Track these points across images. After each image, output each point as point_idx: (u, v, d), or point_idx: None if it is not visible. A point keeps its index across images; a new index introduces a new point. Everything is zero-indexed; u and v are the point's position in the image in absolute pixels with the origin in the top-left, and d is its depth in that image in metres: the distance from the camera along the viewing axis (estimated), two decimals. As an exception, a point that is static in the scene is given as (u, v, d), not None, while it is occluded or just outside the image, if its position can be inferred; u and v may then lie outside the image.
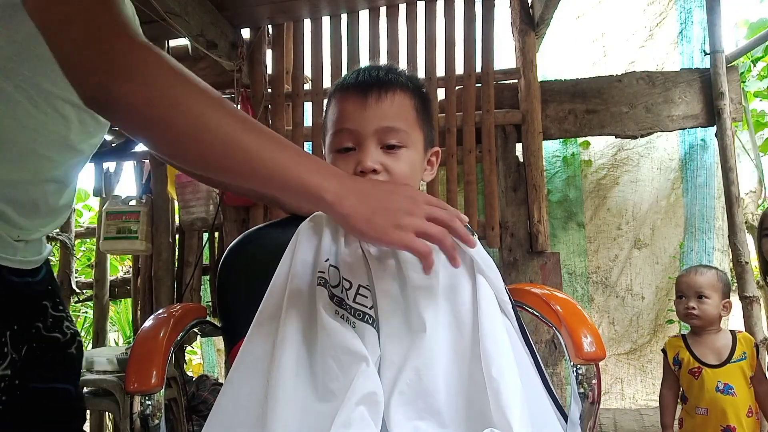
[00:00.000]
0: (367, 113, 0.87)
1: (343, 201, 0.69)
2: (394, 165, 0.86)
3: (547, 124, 2.58)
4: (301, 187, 0.69)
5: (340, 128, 0.88)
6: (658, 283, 2.90)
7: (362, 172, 0.84)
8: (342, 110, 0.89)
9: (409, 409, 0.78)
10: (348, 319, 0.82)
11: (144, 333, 0.96)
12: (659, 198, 2.93)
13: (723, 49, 2.52)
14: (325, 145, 0.93)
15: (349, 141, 0.88)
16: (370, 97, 0.87)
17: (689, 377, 1.80)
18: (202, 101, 0.68)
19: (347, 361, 0.77)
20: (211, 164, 0.71)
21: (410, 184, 0.89)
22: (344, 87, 0.91)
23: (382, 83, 0.89)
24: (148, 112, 0.66)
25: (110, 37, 0.67)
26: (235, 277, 1.21)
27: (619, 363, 2.92)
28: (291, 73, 2.75)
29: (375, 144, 0.87)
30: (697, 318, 1.81)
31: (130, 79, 0.66)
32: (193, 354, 3.78)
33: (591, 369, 0.90)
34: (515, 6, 2.61)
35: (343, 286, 0.84)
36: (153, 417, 0.89)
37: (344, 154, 0.88)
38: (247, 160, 0.68)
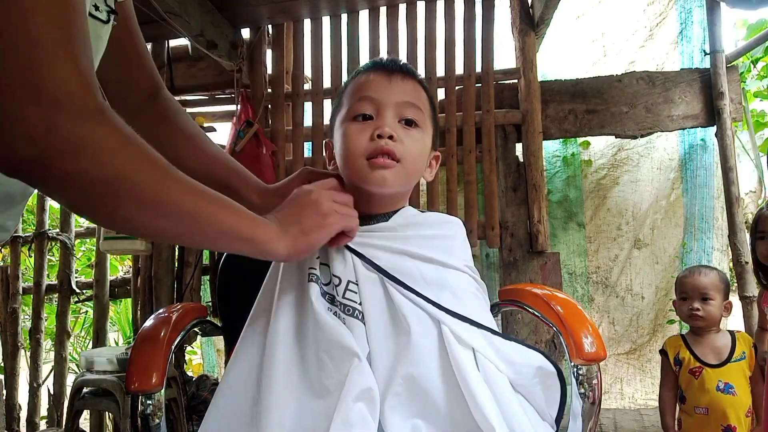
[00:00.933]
0: (391, 86, 0.89)
1: (281, 238, 0.76)
2: (408, 139, 0.88)
3: (547, 124, 2.58)
4: (247, 237, 0.74)
5: (362, 96, 0.89)
6: (658, 283, 2.90)
7: (379, 137, 0.85)
8: (366, 82, 0.90)
9: (404, 409, 0.79)
10: (339, 315, 0.84)
11: (144, 333, 0.96)
12: (659, 198, 2.93)
13: (723, 49, 2.52)
14: (338, 119, 0.93)
15: (369, 109, 0.88)
16: (394, 75, 0.90)
17: (689, 377, 1.80)
18: (155, 172, 0.64)
19: (340, 356, 0.78)
20: (165, 233, 0.70)
21: (418, 165, 0.91)
22: (368, 67, 0.94)
23: (406, 70, 0.93)
24: (97, 190, 0.59)
25: (59, 96, 0.54)
26: (235, 277, 1.22)
27: (619, 363, 2.92)
28: (291, 73, 2.75)
29: (394, 115, 0.88)
30: (701, 319, 1.81)
31: (75, 157, 0.56)
32: (193, 354, 3.78)
33: (591, 369, 0.89)
34: (515, 6, 2.61)
35: (333, 283, 0.86)
36: (153, 417, 0.89)
37: (360, 123, 0.88)
38: (199, 222, 0.70)
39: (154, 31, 2.37)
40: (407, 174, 0.89)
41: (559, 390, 0.85)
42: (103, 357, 2.25)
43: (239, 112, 2.56)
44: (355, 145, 0.87)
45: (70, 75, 0.54)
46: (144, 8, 2.08)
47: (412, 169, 0.89)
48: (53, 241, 3.12)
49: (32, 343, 3.05)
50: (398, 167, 0.86)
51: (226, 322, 1.20)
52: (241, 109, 2.56)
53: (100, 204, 0.62)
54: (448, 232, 0.97)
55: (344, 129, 0.90)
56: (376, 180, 0.86)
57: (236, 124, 2.53)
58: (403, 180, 0.89)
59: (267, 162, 2.51)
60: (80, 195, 0.60)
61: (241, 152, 2.45)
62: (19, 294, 3.13)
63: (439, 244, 0.94)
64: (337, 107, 0.95)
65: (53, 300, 3.57)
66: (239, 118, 2.54)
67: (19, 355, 3.10)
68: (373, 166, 0.85)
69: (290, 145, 2.68)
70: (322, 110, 2.66)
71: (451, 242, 0.96)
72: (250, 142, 2.47)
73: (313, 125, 2.66)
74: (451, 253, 0.94)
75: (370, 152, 0.85)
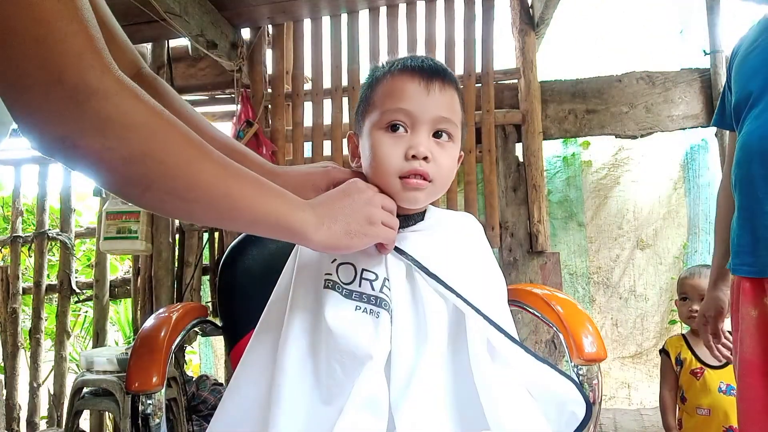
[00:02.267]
0: (429, 99, 0.85)
1: (318, 230, 0.74)
2: (441, 156, 0.86)
3: (547, 124, 2.58)
4: (282, 225, 0.71)
5: (397, 107, 0.85)
6: (662, 285, 2.90)
7: (414, 157, 0.83)
8: (401, 89, 0.86)
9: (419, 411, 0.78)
10: (372, 312, 0.82)
11: (145, 333, 0.96)
12: (660, 198, 2.93)
13: (723, 49, 2.52)
14: (367, 120, 0.89)
15: (403, 121, 0.85)
16: (433, 84, 0.86)
17: (690, 378, 1.80)
18: (186, 152, 0.62)
19: (352, 365, 0.78)
20: (195, 216, 0.68)
21: (449, 180, 0.89)
22: (406, 67, 0.88)
23: (446, 76, 0.88)
24: (124, 170, 0.58)
25: (78, 72, 0.53)
26: (236, 277, 1.22)
27: (625, 366, 2.90)
28: (291, 73, 2.75)
29: (428, 131, 0.86)
30: None
31: (102, 134, 0.55)
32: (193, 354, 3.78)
33: (592, 369, 0.89)
34: (515, 6, 2.61)
35: (365, 278, 0.84)
36: (153, 417, 0.89)
37: (393, 136, 0.85)
38: (232, 208, 0.67)
39: (154, 31, 2.37)
40: (438, 192, 0.88)
41: (582, 417, 0.82)
42: (103, 357, 2.24)
43: (239, 112, 2.56)
44: (388, 161, 0.84)
45: (84, 50, 0.54)
46: (144, 8, 2.08)
47: (443, 186, 0.88)
48: (53, 241, 3.12)
49: (32, 343, 3.05)
50: (430, 187, 0.85)
51: (227, 322, 1.20)
52: (241, 109, 2.56)
53: (129, 184, 0.60)
54: (472, 229, 0.98)
55: (376, 139, 0.86)
56: (408, 199, 0.86)
57: (236, 124, 2.52)
58: (434, 197, 0.89)
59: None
60: (110, 174, 0.59)
61: (241, 152, 2.45)
62: (19, 294, 3.13)
63: (469, 240, 0.95)
64: (367, 104, 0.91)
65: (53, 300, 3.57)
66: (239, 118, 2.54)
67: (19, 355, 3.09)
68: (406, 186, 0.84)
69: (290, 145, 2.68)
70: (322, 110, 2.66)
71: (478, 238, 0.97)
72: (250, 142, 2.47)
73: (313, 125, 2.66)
74: (481, 248, 0.96)
75: (404, 172, 0.84)
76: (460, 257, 0.90)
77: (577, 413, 0.82)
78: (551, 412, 0.83)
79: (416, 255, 0.87)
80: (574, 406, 0.83)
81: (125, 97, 0.57)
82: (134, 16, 2.26)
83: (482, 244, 0.97)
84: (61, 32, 0.52)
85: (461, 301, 0.84)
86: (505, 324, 0.87)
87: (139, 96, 0.58)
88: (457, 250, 0.91)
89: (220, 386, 2.54)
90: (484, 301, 0.86)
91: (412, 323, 0.84)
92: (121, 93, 0.56)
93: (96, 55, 0.55)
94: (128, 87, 0.57)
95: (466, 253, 0.92)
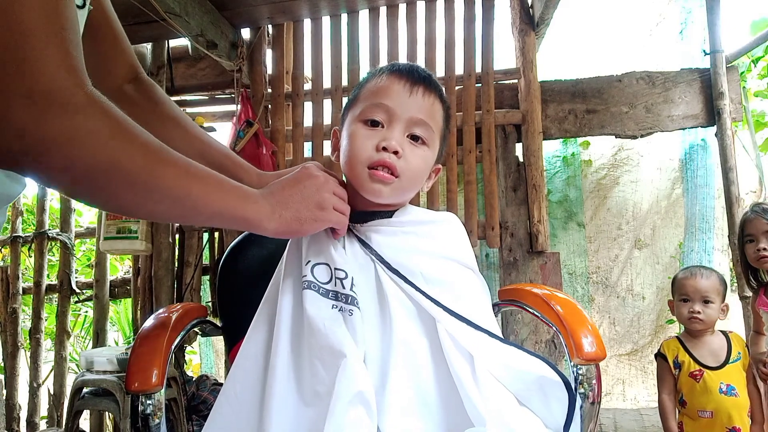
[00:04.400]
0: (410, 99, 0.88)
1: (271, 219, 0.78)
2: (412, 156, 0.88)
3: (547, 124, 2.58)
4: (239, 217, 0.76)
5: (378, 102, 0.88)
6: (658, 284, 2.90)
7: (384, 149, 0.86)
8: (386, 87, 0.89)
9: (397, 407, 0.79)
10: (345, 309, 0.83)
11: (145, 332, 0.96)
12: (659, 198, 2.93)
13: (723, 49, 2.52)
14: (350, 114, 0.93)
15: (381, 116, 0.88)
16: (416, 87, 0.89)
17: (690, 381, 1.80)
18: (148, 158, 0.64)
19: (331, 361, 0.78)
20: (159, 215, 0.73)
21: (417, 181, 0.91)
22: (392, 70, 0.91)
23: (430, 84, 0.91)
24: (90, 181, 0.60)
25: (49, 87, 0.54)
26: (236, 277, 1.22)
27: (621, 364, 2.92)
28: (291, 73, 2.75)
29: (403, 129, 0.88)
30: (701, 322, 1.81)
31: (67, 148, 0.56)
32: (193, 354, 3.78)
33: (591, 369, 0.89)
34: (515, 6, 2.61)
35: (338, 277, 0.86)
36: (153, 417, 0.89)
37: (369, 128, 0.88)
38: (194, 207, 0.71)
39: (154, 31, 2.37)
40: (404, 189, 0.90)
41: (566, 401, 0.82)
42: (103, 357, 2.24)
43: (239, 112, 2.56)
44: (359, 151, 0.87)
45: (60, 67, 0.55)
46: (144, 8, 2.08)
47: (409, 186, 0.90)
48: (53, 241, 3.12)
49: (32, 343, 3.05)
50: (396, 183, 0.87)
51: (226, 322, 1.20)
52: (241, 109, 2.56)
53: (94, 192, 0.63)
54: (447, 228, 0.98)
55: (353, 130, 0.90)
56: (372, 191, 0.88)
57: (236, 124, 2.52)
58: (399, 194, 0.90)
59: (267, 162, 2.51)
60: (75, 184, 0.61)
61: (241, 152, 2.45)
62: (19, 294, 3.13)
63: (440, 240, 0.95)
64: (352, 101, 0.95)
65: (53, 300, 3.57)
66: (239, 118, 2.54)
67: (19, 355, 3.10)
68: (372, 177, 0.86)
69: (290, 145, 2.68)
70: (322, 110, 2.66)
71: (452, 238, 0.97)
72: (250, 142, 2.47)
73: (313, 125, 2.66)
74: (453, 248, 0.95)
75: (372, 162, 0.86)
76: (424, 253, 0.91)
77: (561, 398, 0.82)
78: (533, 399, 0.83)
79: (379, 249, 0.89)
80: (553, 390, 0.82)
81: (93, 112, 0.58)
82: (134, 16, 2.26)
83: (456, 244, 0.97)
84: (39, 47, 0.53)
85: (420, 295, 0.85)
86: (475, 316, 0.86)
87: (108, 111, 0.60)
88: (423, 246, 0.92)
89: (220, 386, 2.53)
90: (448, 294, 0.87)
91: (377, 320, 0.85)
92: (90, 108, 0.58)
93: (70, 72, 0.56)
94: (98, 102, 0.59)
95: (432, 250, 0.92)
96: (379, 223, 0.92)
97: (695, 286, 1.84)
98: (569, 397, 0.81)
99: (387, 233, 0.92)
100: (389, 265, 0.87)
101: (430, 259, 0.90)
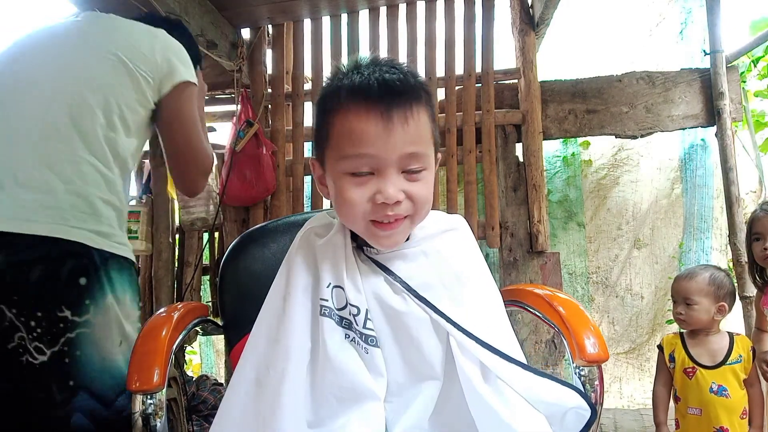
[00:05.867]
0: (391, 138, 0.76)
1: None
2: (417, 191, 0.80)
3: (547, 124, 2.58)
4: None
5: (358, 153, 0.77)
6: (657, 283, 2.90)
7: (384, 203, 0.77)
8: (361, 131, 0.77)
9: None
10: (359, 343, 0.81)
11: (146, 332, 0.96)
12: (659, 198, 2.93)
13: (723, 49, 2.52)
14: (327, 155, 0.83)
15: (367, 167, 0.78)
16: (394, 118, 0.76)
17: (683, 377, 1.80)
18: None
19: (350, 399, 0.77)
20: None
21: (428, 204, 0.84)
22: (355, 93, 0.78)
23: (403, 97, 0.78)
24: None
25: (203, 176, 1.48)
26: (237, 276, 1.22)
27: (618, 362, 2.92)
28: (291, 73, 2.75)
29: (397, 171, 0.78)
30: (684, 323, 1.83)
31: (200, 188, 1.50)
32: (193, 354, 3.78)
33: (593, 370, 0.89)
34: (515, 6, 2.61)
35: (351, 312, 0.82)
36: (154, 417, 0.89)
37: (359, 178, 0.78)
38: None
39: (154, 30, 2.36)
40: (418, 221, 0.84)
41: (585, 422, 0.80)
42: (103, 357, 2.23)
43: (239, 112, 2.56)
44: (355, 208, 0.79)
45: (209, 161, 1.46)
46: (144, 8, 2.08)
47: (423, 214, 0.83)
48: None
49: (32, 343, 3.04)
50: (406, 222, 0.81)
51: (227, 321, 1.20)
52: (241, 109, 2.56)
53: None
54: (459, 237, 0.94)
55: (340, 184, 0.80)
56: (385, 244, 0.83)
57: (236, 124, 2.52)
58: (415, 226, 0.85)
59: (267, 162, 2.50)
60: None
61: (241, 152, 2.45)
62: (19, 294, 3.12)
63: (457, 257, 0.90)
64: (323, 134, 0.84)
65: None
66: (239, 118, 2.53)
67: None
68: (380, 230, 0.80)
69: (290, 145, 2.68)
70: (322, 110, 2.65)
71: (465, 248, 0.94)
72: (250, 142, 2.47)
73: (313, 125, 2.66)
74: (468, 261, 0.92)
75: (374, 217, 0.79)
76: (450, 277, 0.87)
77: (581, 414, 0.81)
78: (555, 419, 0.82)
79: (404, 277, 0.84)
80: (577, 408, 0.81)
81: None
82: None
83: (470, 250, 0.93)
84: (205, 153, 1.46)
85: (450, 326, 0.81)
86: (505, 341, 0.84)
87: None
88: (447, 269, 0.87)
89: (220, 386, 2.53)
90: (478, 322, 0.83)
91: (398, 356, 0.82)
92: None
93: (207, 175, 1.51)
94: None
95: (456, 271, 0.88)
96: (398, 250, 0.87)
97: (677, 288, 1.85)
98: (590, 418, 0.79)
99: (408, 257, 0.87)
100: (417, 293, 0.83)
101: (454, 279, 0.87)
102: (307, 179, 2.68)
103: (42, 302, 1.13)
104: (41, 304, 1.13)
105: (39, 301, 1.13)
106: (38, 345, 1.12)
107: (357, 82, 0.79)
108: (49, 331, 1.13)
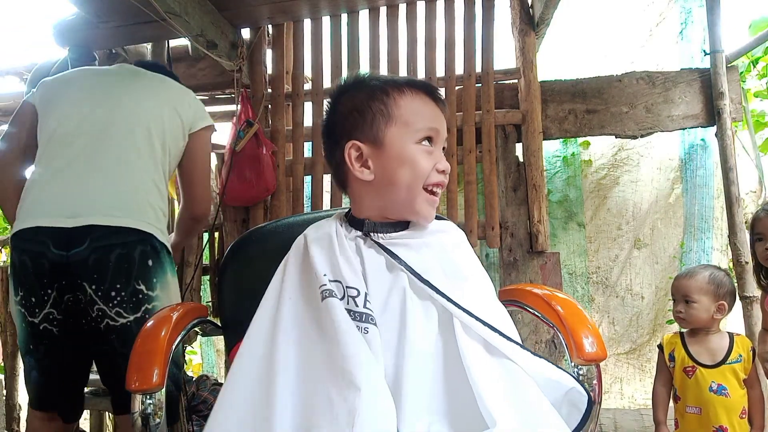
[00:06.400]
0: (443, 120, 0.96)
1: None
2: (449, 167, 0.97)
3: (547, 124, 2.58)
4: None
5: (430, 126, 0.93)
6: (657, 283, 2.90)
7: (443, 172, 0.93)
8: (430, 110, 0.94)
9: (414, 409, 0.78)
10: (360, 327, 0.82)
11: (145, 332, 0.96)
12: (659, 198, 2.93)
13: (723, 49, 2.52)
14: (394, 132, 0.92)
15: (434, 139, 0.94)
16: (443, 106, 0.97)
17: (683, 376, 1.81)
18: None
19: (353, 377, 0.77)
20: None
21: None
22: (420, 87, 0.96)
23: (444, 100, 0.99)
24: None
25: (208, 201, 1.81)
26: (236, 276, 1.22)
27: (619, 363, 2.92)
28: (291, 73, 2.75)
29: (440, 147, 0.96)
30: (683, 321, 1.83)
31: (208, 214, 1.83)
32: (193, 354, 3.78)
33: (592, 369, 0.90)
34: (515, 6, 2.61)
35: (350, 294, 0.85)
36: (154, 416, 0.89)
37: (428, 148, 0.93)
38: None
39: (154, 31, 2.37)
40: None
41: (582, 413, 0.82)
42: (103, 357, 2.23)
43: (239, 112, 2.56)
44: (425, 173, 0.92)
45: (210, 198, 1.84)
46: (144, 8, 2.08)
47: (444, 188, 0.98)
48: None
49: (32, 343, 3.04)
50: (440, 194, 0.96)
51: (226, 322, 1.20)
52: (241, 109, 2.56)
53: None
54: (455, 236, 1.00)
55: (413, 152, 0.91)
56: (427, 215, 0.94)
57: (236, 124, 2.52)
58: None
59: (267, 162, 2.51)
60: None
61: (241, 152, 2.45)
62: (19, 294, 3.12)
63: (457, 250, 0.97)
64: (385, 116, 0.92)
65: (53, 300, 3.56)
66: (239, 118, 2.54)
67: (19, 355, 3.09)
68: (429, 200, 0.93)
69: (290, 145, 2.68)
70: (322, 110, 2.65)
71: (462, 245, 0.99)
72: (250, 142, 2.47)
73: (313, 125, 2.66)
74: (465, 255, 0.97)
75: (430, 183, 0.92)
76: (452, 267, 0.92)
77: (579, 405, 0.82)
78: (562, 408, 0.83)
79: (409, 262, 0.89)
80: (574, 396, 0.83)
81: None
82: (134, 16, 2.26)
83: (467, 250, 0.99)
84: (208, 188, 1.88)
85: (453, 305, 0.85)
86: (503, 324, 0.88)
87: None
88: (448, 261, 0.93)
89: (220, 386, 2.53)
90: (479, 308, 0.86)
91: (396, 336, 0.84)
92: None
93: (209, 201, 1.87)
94: None
95: (457, 264, 0.94)
96: (401, 236, 0.94)
97: (677, 286, 1.86)
98: (587, 408, 0.81)
99: (412, 247, 0.93)
100: (421, 276, 0.87)
101: (454, 266, 0.92)
102: (307, 179, 2.68)
103: (119, 277, 1.45)
104: (119, 278, 1.45)
105: (117, 276, 1.45)
106: (119, 311, 1.46)
107: (414, 81, 0.97)
108: (131, 300, 1.47)
